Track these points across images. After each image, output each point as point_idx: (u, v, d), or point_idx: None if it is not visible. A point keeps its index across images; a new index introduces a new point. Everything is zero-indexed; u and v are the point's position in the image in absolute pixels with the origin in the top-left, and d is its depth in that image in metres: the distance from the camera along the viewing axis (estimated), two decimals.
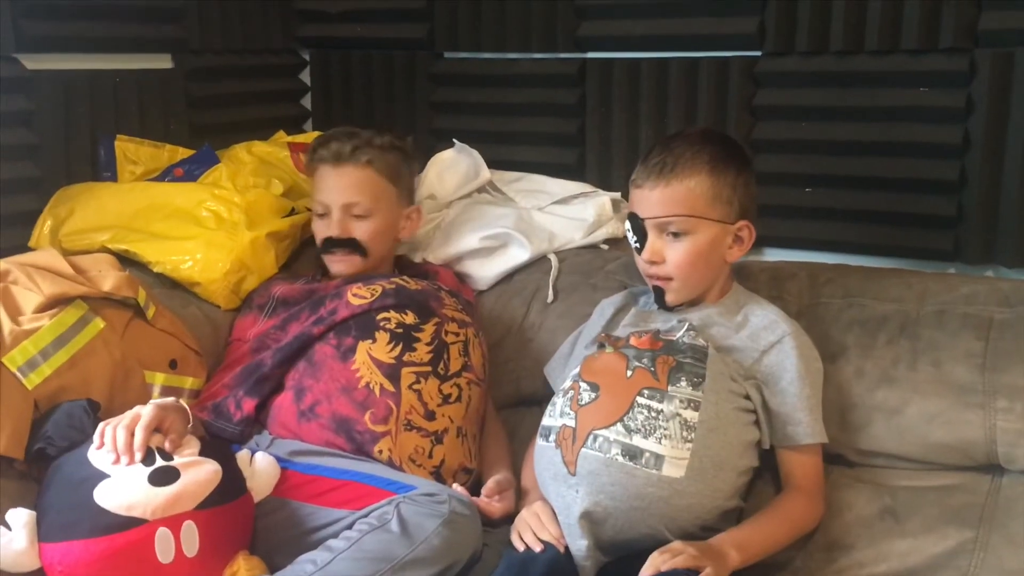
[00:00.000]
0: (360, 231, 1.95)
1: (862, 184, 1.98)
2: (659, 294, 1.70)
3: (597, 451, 1.51)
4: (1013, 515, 1.56)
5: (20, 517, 1.44)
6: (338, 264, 1.97)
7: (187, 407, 1.63)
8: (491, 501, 1.71)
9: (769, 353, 1.62)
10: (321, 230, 1.97)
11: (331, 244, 1.95)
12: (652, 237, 1.67)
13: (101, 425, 1.52)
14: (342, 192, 1.95)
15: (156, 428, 1.53)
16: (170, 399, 1.62)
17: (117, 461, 1.47)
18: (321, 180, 1.97)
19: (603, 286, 1.96)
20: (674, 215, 1.64)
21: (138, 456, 1.47)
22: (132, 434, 1.49)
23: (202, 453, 1.55)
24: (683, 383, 1.53)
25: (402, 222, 2.03)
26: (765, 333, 1.64)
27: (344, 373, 1.77)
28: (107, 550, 1.41)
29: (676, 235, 1.65)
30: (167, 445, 1.52)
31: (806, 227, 2.05)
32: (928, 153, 1.91)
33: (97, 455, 1.50)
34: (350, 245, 1.95)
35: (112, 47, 2.15)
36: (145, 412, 1.52)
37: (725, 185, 1.64)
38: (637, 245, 1.69)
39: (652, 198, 1.65)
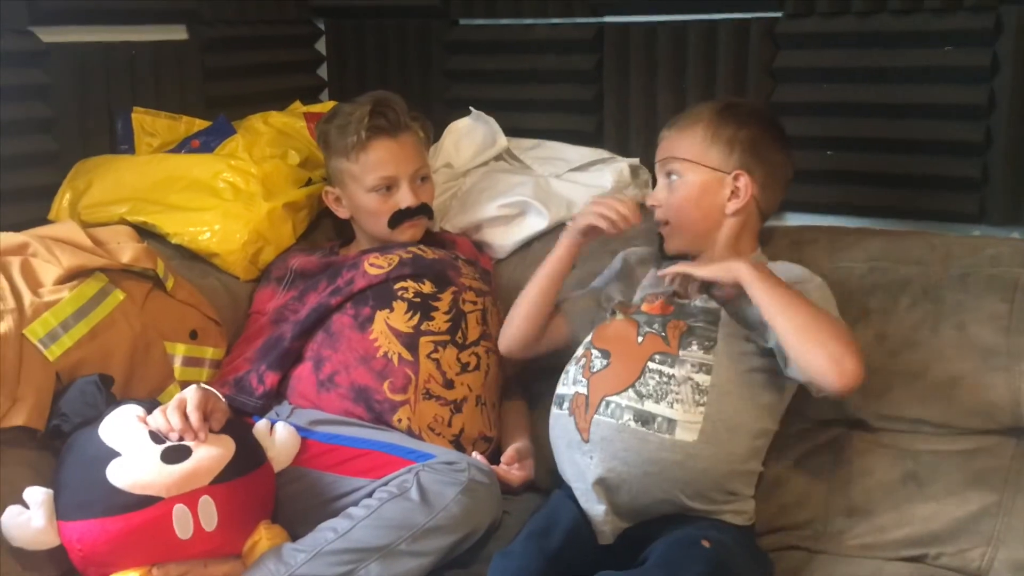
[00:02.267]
0: (426, 194, 1.96)
1: (885, 147, 1.95)
2: (660, 242, 1.75)
3: (609, 417, 1.51)
4: None
5: (37, 496, 1.44)
6: (410, 231, 1.94)
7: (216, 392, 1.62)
8: (510, 469, 1.72)
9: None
10: (389, 206, 1.91)
11: (405, 215, 1.92)
12: (659, 183, 1.73)
13: (154, 413, 1.51)
14: (409, 160, 1.93)
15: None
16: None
17: (180, 439, 1.48)
18: (382, 154, 1.91)
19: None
20: (669, 157, 1.69)
21: (201, 435, 1.48)
22: (185, 416, 1.50)
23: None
24: (694, 347, 1.52)
25: None
26: (790, 278, 1.58)
27: (362, 343, 1.77)
28: (124, 528, 1.42)
29: (671, 178, 1.69)
30: (213, 424, 1.53)
31: (827, 191, 2.02)
32: (952, 114, 1.87)
33: (108, 433, 1.50)
34: (423, 211, 1.95)
35: (127, 19, 2.14)
36: (192, 394, 1.53)
37: (722, 136, 1.66)
38: None
39: (661, 147, 1.72)
